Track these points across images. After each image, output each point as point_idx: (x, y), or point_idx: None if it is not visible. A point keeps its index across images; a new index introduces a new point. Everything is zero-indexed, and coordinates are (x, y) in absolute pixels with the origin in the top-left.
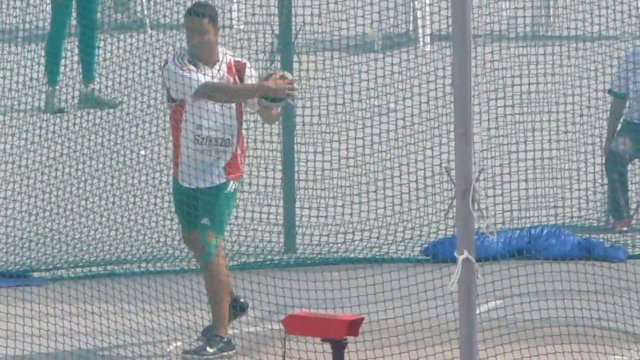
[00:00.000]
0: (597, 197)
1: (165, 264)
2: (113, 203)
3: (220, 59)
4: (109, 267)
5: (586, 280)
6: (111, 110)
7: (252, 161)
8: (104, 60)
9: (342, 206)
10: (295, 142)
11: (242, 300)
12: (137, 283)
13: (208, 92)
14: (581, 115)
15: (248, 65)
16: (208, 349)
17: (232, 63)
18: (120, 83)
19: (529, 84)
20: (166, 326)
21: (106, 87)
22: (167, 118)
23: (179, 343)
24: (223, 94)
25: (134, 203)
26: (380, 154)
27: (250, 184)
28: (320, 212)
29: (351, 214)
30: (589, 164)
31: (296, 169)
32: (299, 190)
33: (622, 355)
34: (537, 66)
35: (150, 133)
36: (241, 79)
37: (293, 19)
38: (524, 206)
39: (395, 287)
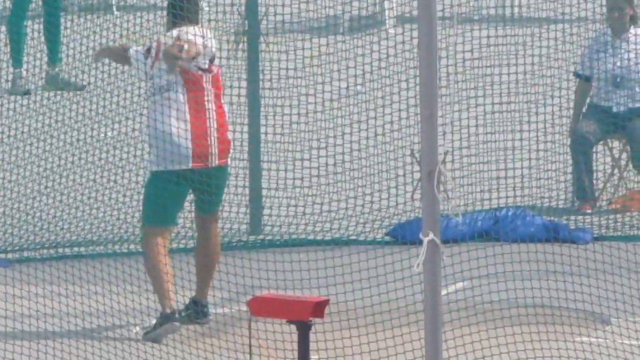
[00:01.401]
0: (561, 179)
1: (132, 245)
2: (79, 183)
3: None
4: (75, 249)
5: (552, 261)
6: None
7: None
8: (71, 41)
9: (309, 187)
10: (261, 124)
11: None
12: (104, 264)
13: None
14: (552, 97)
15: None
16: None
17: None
18: (87, 64)
19: (496, 66)
20: (133, 308)
21: (73, 68)
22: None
23: (145, 324)
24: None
25: (95, 181)
26: (345, 135)
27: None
28: (286, 194)
29: (316, 195)
30: (557, 145)
31: (262, 150)
32: (265, 171)
33: (589, 336)
34: (507, 48)
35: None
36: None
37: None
38: (489, 188)
39: (360, 269)
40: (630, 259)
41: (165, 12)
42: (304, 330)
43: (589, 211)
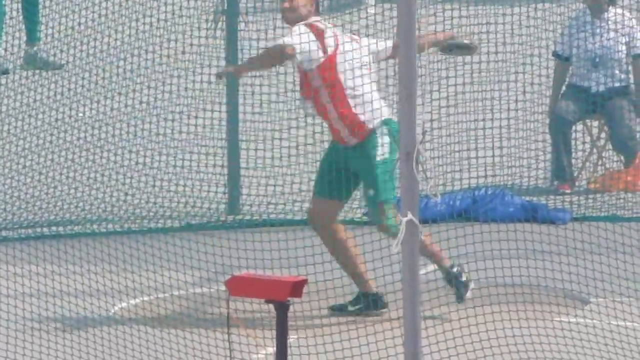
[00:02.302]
0: (540, 158)
1: (111, 225)
2: (57, 162)
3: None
4: (53, 228)
5: (531, 240)
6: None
7: (197, 122)
8: (49, 20)
9: (288, 166)
10: (238, 103)
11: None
12: (82, 244)
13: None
14: (531, 84)
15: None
16: (349, 307)
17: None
18: (65, 43)
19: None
20: (112, 287)
21: (51, 47)
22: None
23: (124, 304)
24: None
25: (73, 161)
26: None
27: (195, 145)
28: (264, 173)
29: (294, 175)
30: (536, 125)
31: (240, 129)
32: (243, 150)
33: (568, 315)
34: (487, 28)
35: (89, 91)
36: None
37: None
38: (468, 168)
39: None
40: (610, 238)
41: None
42: (282, 310)
43: (568, 191)
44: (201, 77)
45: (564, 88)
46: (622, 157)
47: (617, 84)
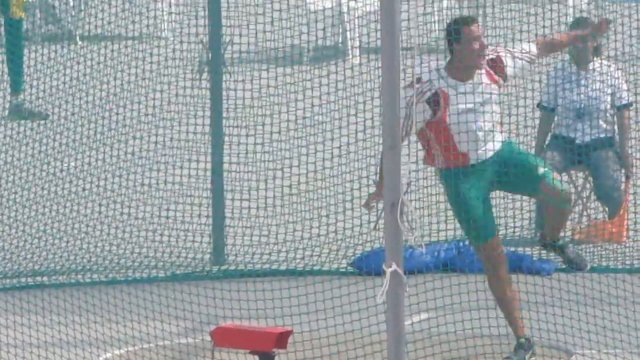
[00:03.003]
0: (525, 209)
1: (95, 275)
2: (42, 213)
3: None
4: (38, 278)
5: (516, 291)
6: (41, 122)
7: (182, 172)
8: (35, 71)
9: (270, 217)
10: (223, 153)
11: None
12: (67, 294)
13: None
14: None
15: (502, 55)
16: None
17: (488, 68)
18: (51, 94)
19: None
20: (96, 338)
21: (37, 98)
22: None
23: (108, 355)
24: None
25: (58, 212)
26: (308, 165)
27: (180, 196)
28: (249, 223)
29: (279, 225)
30: None
31: (225, 179)
32: (227, 201)
33: None
34: None
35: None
36: (503, 74)
37: (222, 30)
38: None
39: (324, 299)
40: (595, 288)
41: None
42: None
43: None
44: (187, 128)
45: (548, 138)
46: (606, 208)
47: (602, 135)
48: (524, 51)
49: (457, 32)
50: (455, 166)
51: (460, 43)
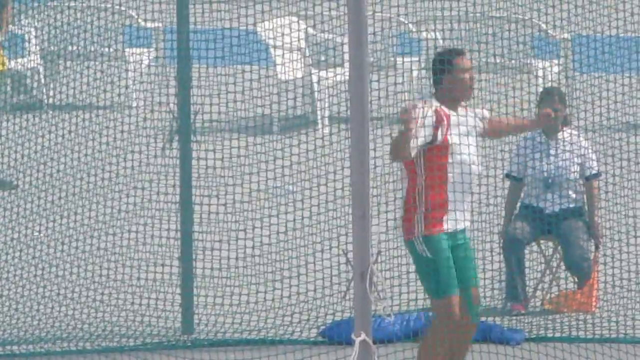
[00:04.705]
0: (495, 279)
1: (65, 343)
2: (12, 282)
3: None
4: (7, 347)
5: None
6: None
7: (150, 241)
8: (5, 140)
9: (239, 286)
10: (193, 222)
11: None
12: None
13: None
14: (487, 205)
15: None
16: None
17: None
18: (17, 161)
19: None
20: None
21: (3, 166)
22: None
23: None
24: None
25: (29, 279)
26: (278, 235)
27: (148, 265)
28: (217, 293)
29: (249, 294)
30: (493, 246)
31: (194, 248)
32: (196, 270)
33: None
34: None
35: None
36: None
37: (191, 99)
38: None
39: None
40: (566, 358)
41: None
42: None
43: (522, 312)
44: (157, 197)
45: (517, 208)
46: (576, 278)
47: (571, 205)
48: (483, 117)
49: (449, 62)
50: (430, 234)
51: (451, 73)
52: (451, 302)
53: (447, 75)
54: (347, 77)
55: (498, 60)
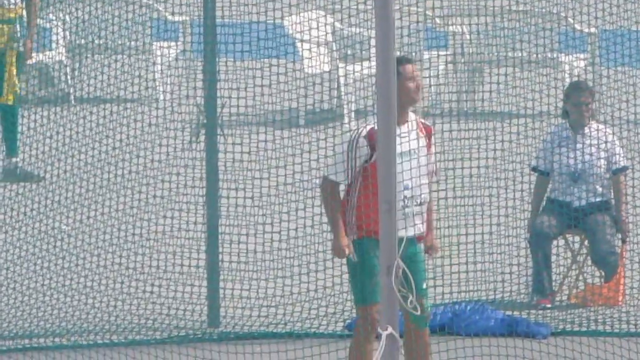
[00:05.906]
0: (521, 273)
1: (92, 336)
2: (33, 271)
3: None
4: (34, 340)
5: (514, 355)
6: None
7: (177, 234)
8: (32, 133)
9: (266, 279)
10: (219, 215)
11: None
12: (64, 356)
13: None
14: (513, 191)
15: (433, 132)
16: None
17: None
18: (44, 153)
19: (458, 159)
20: None
21: (30, 158)
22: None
23: None
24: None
25: (49, 269)
26: (305, 228)
27: (174, 257)
28: (243, 286)
29: (275, 288)
30: (517, 239)
31: (220, 241)
32: (222, 263)
33: None
34: (468, 142)
35: (74, 202)
36: (429, 142)
37: (217, 92)
38: (448, 282)
39: None
40: (593, 354)
41: None
42: None
43: (548, 305)
44: (184, 189)
45: (544, 202)
46: (602, 272)
47: (597, 199)
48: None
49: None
50: (367, 235)
51: (398, 80)
52: (367, 310)
53: None
54: (373, 71)
55: (524, 55)
